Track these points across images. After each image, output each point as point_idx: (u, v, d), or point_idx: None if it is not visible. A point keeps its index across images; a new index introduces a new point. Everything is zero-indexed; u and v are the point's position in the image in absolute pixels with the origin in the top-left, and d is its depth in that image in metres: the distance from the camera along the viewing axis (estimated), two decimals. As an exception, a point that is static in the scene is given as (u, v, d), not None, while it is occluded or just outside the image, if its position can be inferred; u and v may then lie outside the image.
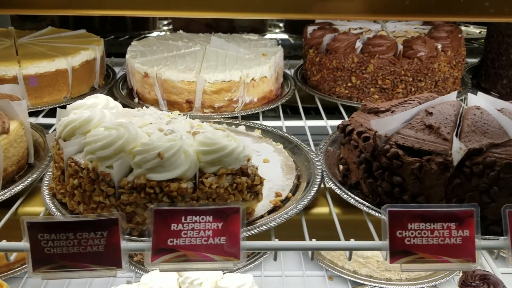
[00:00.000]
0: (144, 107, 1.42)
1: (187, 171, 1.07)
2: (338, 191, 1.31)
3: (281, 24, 3.56)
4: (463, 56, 2.04)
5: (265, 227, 1.15)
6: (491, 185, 1.09)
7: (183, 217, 1.02)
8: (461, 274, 1.70)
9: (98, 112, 1.23)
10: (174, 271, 1.66)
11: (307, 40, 2.17)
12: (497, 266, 2.05)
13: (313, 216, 1.36)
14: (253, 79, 1.89)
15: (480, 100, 1.32)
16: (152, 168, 1.05)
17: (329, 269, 1.97)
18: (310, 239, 1.15)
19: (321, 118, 1.93)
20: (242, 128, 1.71)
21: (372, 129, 1.23)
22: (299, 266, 2.05)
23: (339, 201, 1.35)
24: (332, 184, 1.34)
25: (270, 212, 1.25)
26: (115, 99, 2.03)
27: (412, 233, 1.03)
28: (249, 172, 1.15)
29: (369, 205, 1.23)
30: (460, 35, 2.04)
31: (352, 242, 1.08)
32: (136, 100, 2.00)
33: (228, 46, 2.09)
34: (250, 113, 1.92)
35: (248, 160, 1.15)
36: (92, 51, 2.06)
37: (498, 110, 1.26)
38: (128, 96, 2.06)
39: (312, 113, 2.23)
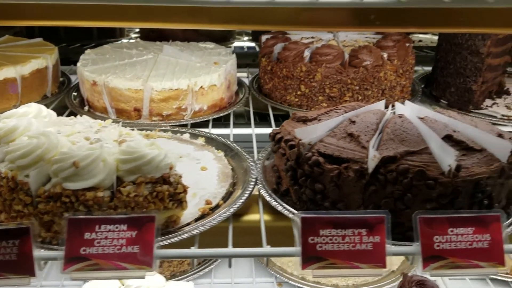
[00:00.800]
0: (78, 116, 1.43)
1: (104, 180, 1.08)
2: (268, 198, 1.33)
3: (249, 31, 3.59)
4: (411, 65, 2.08)
5: (187, 235, 1.16)
6: (405, 192, 1.12)
7: (97, 226, 1.03)
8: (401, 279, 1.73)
9: (24, 121, 1.23)
10: (85, 279, 1.66)
11: (261, 48, 2.20)
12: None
13: (244, 223, 1.38)
14: (201, 87, 1.91)
15: (405, 109, 1.35)
16: (67, 177, 1.06)
17: (278, 275, 1.99)
18: (236, 246, 1.17)
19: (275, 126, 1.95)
20: (186, 136, 1.73)
21: (297, 137, 1.25)
22: (250, 273, 2.06)
23: (271, 208, 1.36)
24: (264, 191, 1.36)
25: (198, 219, 1.26)
26: (66, 107, 2.05)
27: (323, 239, 1.05)
28: (171, 180, 1.16)
29: (295, 211, 1.25)
30: (407, 44, 2.08)
31: (268, 249, 1.10)
32: (87, 108, 2.01)
33: (180, 55, 2.11)
34: (199, 121, 1.93)
35: (171, 168, 1.16)
36: (43, 59, 2.07)
37: (421, 118, 1.30)
38: (80, 104, 2.07)
39: (269, 121, 2.25)
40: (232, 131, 1.89)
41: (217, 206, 1.32)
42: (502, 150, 1.16)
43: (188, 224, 1.24)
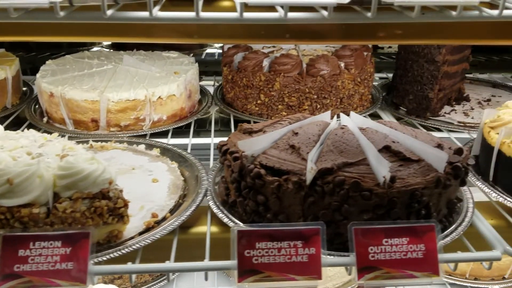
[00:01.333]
0: (25, 130, 1.42)
1: (40, 196, 1.07)
2: (215, 210, 1.33)
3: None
4: (369, 73, 2.11)
5: (126, 250, 1.16)
6: (342, 203, 1.13)
7: (31, 243, 1.02)
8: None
9: (-36, 136, 1.22)
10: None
11: (222, 58, 2.21)
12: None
13: (191, 235, 1.38)
14: (160, 97, 1.91)
15: (349, 120, 1.37)
16: (2, 193, 1.05)
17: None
18: (182, 259, 1.17)
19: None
20: (142, 147, 1.73)
21: (240, 149, 1.26)
22: (212, 282, 2.06)
23: (220, 221, 1.37)
24: (212, 203, 1.37)
25: (142, 233, 1.26)
26: (25, 119, 2.04)
27: (259, 252, 1.06)
28: (111, 195, 1.16)
29: (240, 223, 1.25)
30: (365, 53, 2.11)
31: (206, 263, 1.11)
32: (46, 119, 1.99)
33: (140, 65, 2.11)
34: (157, 131, 1.93)
35: (110, 183, 1.16)
36: (2, 71, 2.05)
37: (362, 129, 1.32)
38: (40, 115, 2.05)
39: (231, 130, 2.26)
40: (191, 141, 1.90)
41: (164, 219, 1.33)
42: (438, 160, 1.18)
43: (132, 238, 1.24)
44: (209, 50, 3.37)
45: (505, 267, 2.03)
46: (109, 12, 0.88)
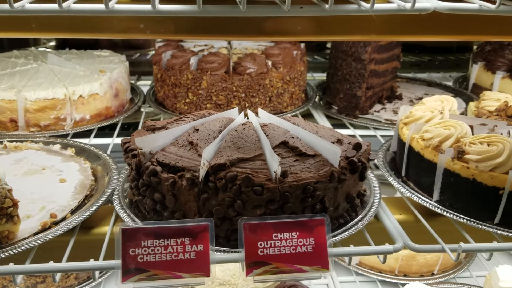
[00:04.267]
0: None
1: None
2: (118, 209, 1.30)
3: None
4: (299, 72, 2.11)
5: (15, 251, 1.12)
6: (235, 199, 1.12)
7: None
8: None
9: None
10: None
11: (152, 56, 2.18)
12: (337, 275, 2.12)
13: (93, 235, 1.35)
14: (81, 96, 1.87)
15: (253, 117, 1.36)
16: None
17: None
18: (78, 259, 1.14)
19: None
20: (57, 146, 1.68)
21: (138, 146, 1.23)
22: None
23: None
24: (117, 202, 1.33)
25: (37, 233, 1.22)
26: None
27: (145, 251, 1.04)
28: (-3, 194, 1.11)
29: (139, 222, 1.23)
30: (295, 52, 2.11)
31: (90, 263, 1.08)
32: (-37, 119, 1.92)
33: (64, 63, 2.05)
34: (80, 130, 1.88)
35: (-4, 182, 1.12)
36: None
37: (264, 125, 1.31)
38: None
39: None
40: (113, 140, 1.86)
41: (64, 219, 1.29)
42: (333, 155, 1.18)
43: (25, 238, 1.19)
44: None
45: (433, 263, 2.07)
46: (65, 4, 0.86)
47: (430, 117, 1.53)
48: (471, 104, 1.86)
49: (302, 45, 2.25)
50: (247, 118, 1.39)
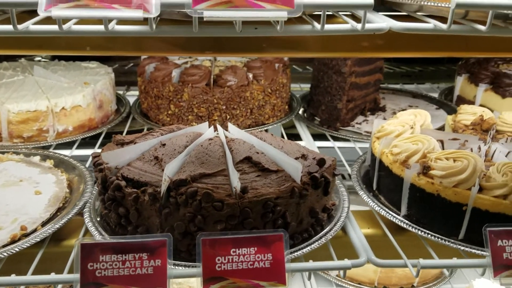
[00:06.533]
0: None
1: None
2: (87, 222, 1.32)
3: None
4: (281, 84, 2.13)
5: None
6: (195, 214, 1.14)
7: None
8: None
9: None
10: None
11: (137, 68, 2.21)
12: (318, 286, 2.13)
13: (63, 248, 1.37)
14: (63, 108, 1.90)
15: (221, 131, 1.38)
16: None
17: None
18: (48, 272, 1.17)
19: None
20: (36, 158, 1.71)
21: (104, 161, 1.26)
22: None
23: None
24: (87, 216, 1.36)
25: (6, 245, 1.25)
26: None
27: (103, 265, 1.06)
28: (-37, 208, 1.14)
29: (106, 236, 1.25)
30: (277, 65, 2.13)
31: (50, 277, 1.10)
32: (-51, 130, 1.96)
33: (50, 75, 2.09)
34: (61, 142, 1.92)
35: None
36: None
37: (231, 140, 1.33)
38: None
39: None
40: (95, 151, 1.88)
41: (35, 231, 1.31)
42: (295, 171, 1.20)
43: (-7, 251, 1.22)
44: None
45: (413, 276, 2.06)
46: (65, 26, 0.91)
47: (400, 132, 1.54)
48: (449, 118, 1.87)
49: (286, 58, 2.28)
50: (217, 133, 1.41)
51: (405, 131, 1.55)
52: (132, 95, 2.51)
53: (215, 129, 1.41)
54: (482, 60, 2.45)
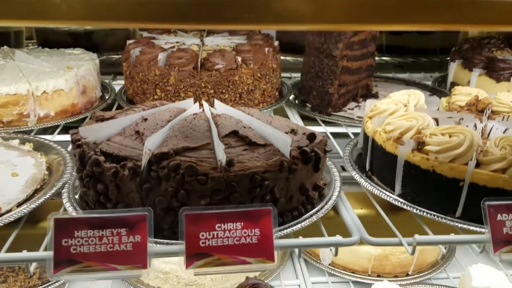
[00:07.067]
0: None
1: None
2: (65, 203, 1.25)
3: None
4: (271, 69, 2.08)
5: None
6: (178, 189, 1.08)
7: None
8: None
9: None
10: None
11: (123, 53, 2.15)
12: (310, 276, 2.07)
13: (41, 229, 1.31)
14: (44, 92, 1.83)
15: (207, 107, 1.32)
16: None
17: (132, 286, 1.90)
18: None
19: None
20: (15, 142, 1.64)
21: (82, 136, 1.19)
22: (107, 282, 1.96)
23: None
24: (65, 196, 1.29)
25: (-23, 227, 1.17)
26: None
27: (79, 241, 0.99)
28: None
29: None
30: (267, 49, 2.07)
31: (24, 254, 1.03)
32: None
33: (31, 60, 2.02)
34: (42, 127, 1.84)
35: None
36: None
37: (217, 115, 1.27)
38: None
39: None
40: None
41: (9, 211, 1.24)
42: (284, 144, 1.14)
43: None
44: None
45: (407, 263, 2.01)
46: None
47: (393, 110, 1.49)
48: (443, 100, 1.82)
49: (276, 43, 2.22)
50: (202, 109, 1.35)
51: (398, 109, 1.50)
52: (118, 84, 2.44)
53: (201, 105, 1.35)
54: (476, 45, 2.41)
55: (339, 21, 1.20)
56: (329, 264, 2.05)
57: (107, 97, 2.16)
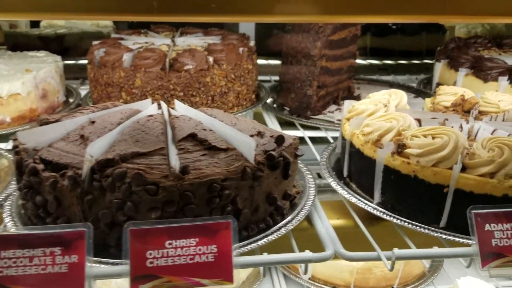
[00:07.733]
0: None
1: None
2: (5, 217, 1.11)
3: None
4: (247, 70, 1.95)
5: None
6: (124, 201, 0.94)
7: None
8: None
9: None
10: None
11: (87, 54, 2.01)
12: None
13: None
14: (-2, 96, 1.69)
15: (165, 108, 1.19)
16: None
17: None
18: None
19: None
20: (-39, 150, 1.50)
21: (21, 141, 1.05)
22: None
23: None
24: (7, 208, 1.15)
25: None
26: None
27: (5, 263, 0.85)
28: None
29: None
30: (241, 49, 1.95)
31: None
32: None
33: (-13, 62, 1.88)
34: (-1, 133, 1.70)
35: None
36: None
37: (175, 117, 1.14)
38: None
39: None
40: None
41: None
42: (248, 148, 1.02)
43: None
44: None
45: (392, 277, 1.89)
46: None
47: (373, 111, 1.37)
48: (427, 100, 1.71)
49: (252, 43, 2.10)
50: (161, 111, 1.22)
51: (378, 110, 1.38)
52: (86, 89, 2.30)
53: (159, 106, 1.22)
54: (462, 45, 2.31)
55: (313, 13, 1.06)
56: (309, 278, 1.92)
57: (71, 102, 2.03)
